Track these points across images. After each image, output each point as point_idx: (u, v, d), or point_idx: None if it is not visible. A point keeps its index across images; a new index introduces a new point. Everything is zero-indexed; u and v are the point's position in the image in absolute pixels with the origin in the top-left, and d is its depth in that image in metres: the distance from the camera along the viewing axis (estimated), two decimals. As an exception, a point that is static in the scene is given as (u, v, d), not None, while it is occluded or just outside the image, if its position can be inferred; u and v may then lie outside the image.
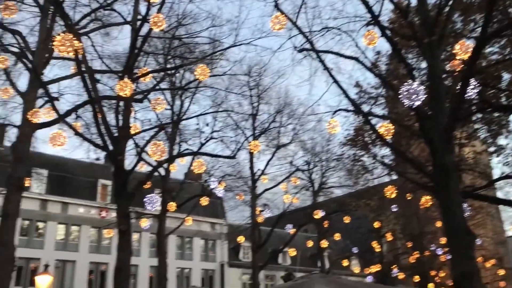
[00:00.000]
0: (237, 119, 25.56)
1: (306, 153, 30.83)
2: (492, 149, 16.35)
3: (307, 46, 10.73)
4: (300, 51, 10.88)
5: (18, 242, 13.32)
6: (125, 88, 9.57)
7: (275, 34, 12.01)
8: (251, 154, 26.32)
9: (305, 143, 30.17)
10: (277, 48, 11.36)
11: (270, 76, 53.29)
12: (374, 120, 13.03)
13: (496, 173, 24.36)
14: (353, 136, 16.20)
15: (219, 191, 18.13)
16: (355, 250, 32.79)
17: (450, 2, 9.94)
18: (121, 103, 12.05)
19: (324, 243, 29.13)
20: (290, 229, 26.59)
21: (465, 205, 12.63)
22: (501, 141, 16.94)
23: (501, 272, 33.28)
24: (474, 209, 24.76)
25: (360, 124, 15.53)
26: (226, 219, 40.76)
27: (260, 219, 24.43)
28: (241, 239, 27.94)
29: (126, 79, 9.91)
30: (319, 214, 24.19)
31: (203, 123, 22.02)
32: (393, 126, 10.57)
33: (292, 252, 30.46)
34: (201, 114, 19.29)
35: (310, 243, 30.40)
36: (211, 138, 22.15)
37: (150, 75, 13.59)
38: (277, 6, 9.55)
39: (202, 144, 21.71)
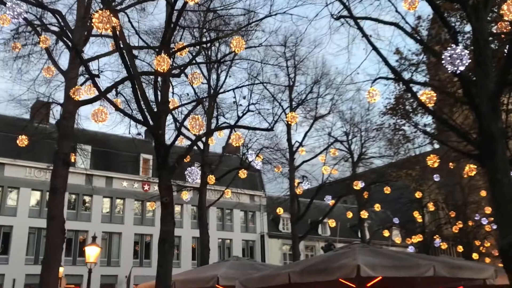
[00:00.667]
0: (273, 91, 25.43)
1: (345, 123, 30.45)
2: (542, 115, 15.56)
3: (345, 13, 10.43)
4: (338, 18, 10.60)
5: (66, 215, 13.91)
6: (163, 63, 9.62)
7: (311, 1, 11.74)
8: (288, 126, 26.20)
9: (343, 113, 29.79)
10: (314, 16, 11.11)
11: (306, 46, 52.52)
12: (415, 88, 12.66)
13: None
14: (394, 104, 15.78)
15: (257, 164, 18.20)
16: (396, 220, 32.47)
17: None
18: (159, 79, 12.17)
19: (364, 214, 28.98)
20: (329, 200, 26.52)
21: (512, 173, 12.22)
22: (552, 106, 16.09)
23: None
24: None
25: (401, 92, 15.12)
26: (265, 191, 41.13)
27: (299, 191, 24.47)
28: (280, 210, 28.16)
29: (163, 54, 9.96)
30: (358, 185, 23.95)
31: (240, 96, 22.02)
32: (436, 93, 10.22)
33: (331, 223, 30.45)
34: (237, 87, 19.14)
35: (349, 214, 30.29)
36: (248, 111, 21.94)
37: (186, 49, 13.59)
38: (312, -27, 9.25)
39: (239, 117, 21.61)
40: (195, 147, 21.35)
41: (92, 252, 17.10)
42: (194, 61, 16.42)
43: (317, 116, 28.04)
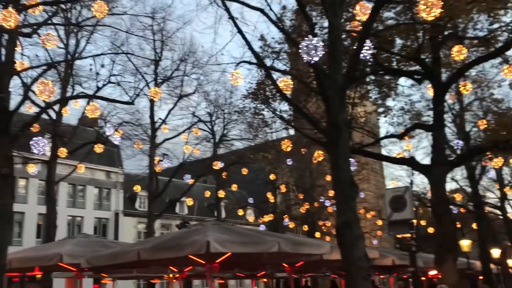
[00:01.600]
0: (138, 64, 24.45)
1: (209, 104, 30.72)
2: (380, 109, 17.53)
3: (213, -9, 10.41)
4: (206, -4, 10.54)
5: None
6: (9, 18, 8.62)
7: (181, -24, 11.44)
8: (151, 102, 25.53)
9: (208, 94, 29.97)
10: (182, -9, 10.87)
11: (175, 21, 51.49)
12: (275, 75, 13.25)
13: (382, 132, 26.35)
14: (255, 89, 16.30)
15: (116, 139, 17.49)
16: (251, 200, 34.00)
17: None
18: (5, 36, 10.87)
19: (222, 194, 29.77)
20: (188, 179, 26.68)
21: (352, 160, 13.57)
22: (389, 102, 18.27)
23: (380, 222, 36.84)
24: (360, 165, 26.69)
25: (263, 78, 15.66)
26: (123, 168, 39.72)
27: (158, 169, 24.11)
28: (137, 188, 27.47)
29: (10, 9, 8.91)
30: (218, 165, 24.45)
31: (100, 65, 20.74)
32: (293, 82, 10.80)
33: (189, 201, 30.77)
34: (98, 55, 18.12)
35: (208, 193, 30.89)
36: (109, 82, 21.04)
37: (41, 7, 12.31)
38: None
39: (99, 88, 20.57)
40: (46, 117, 19.70)
41: None
42: (49, 22, 15.01)
43: (182, 95, 27.83)
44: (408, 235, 11.25)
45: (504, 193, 32.30)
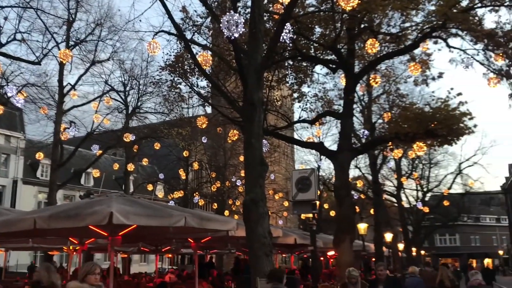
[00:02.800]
0: (48, 23, 22.70)
1: (124, 73, 29.44)
2: (295, 95, 17.95)
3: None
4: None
5: None
6: None
7: None
8: (61, 64, 23.93)
9: (123, 62, 28.68)
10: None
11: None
12: (195, 49, 13.03)
13: (295, 117, 27.01)
14: (173, 62, 15.88)
15: (18, 101, 16.29)
16: (161, 176, 33.49)
17: None
18: None
19: (131, 167, 28.93)
20: (96, 150, 25.57)
21: (265, 141, 13.85)
22: (304, 88, 18.71)
23: (286, 204, 38.20)
24: (273, 147, 27.30)
25: (182, 51, 15.29)
26: (25, 133, 37.15)
27: (64, 137, 22.80)
28: (40, 155, 25.80)
29: None
30: (129, 137, 23.65)
31: (3, 18, 19.00)
32: (212, 58, 10.70)
33: (96, 173, 29.58)
34: (2, 7, 16.57)
35: (116, 166, 29.88)
36: (14, 39, 19.39)
37: None
38: None
39: (2, 44, 18.88)
40: None
41: None
42: None
43: (95, 60, 26.37)
44: (311, 215, 11.77)
45: (400, 183, 35.04)
